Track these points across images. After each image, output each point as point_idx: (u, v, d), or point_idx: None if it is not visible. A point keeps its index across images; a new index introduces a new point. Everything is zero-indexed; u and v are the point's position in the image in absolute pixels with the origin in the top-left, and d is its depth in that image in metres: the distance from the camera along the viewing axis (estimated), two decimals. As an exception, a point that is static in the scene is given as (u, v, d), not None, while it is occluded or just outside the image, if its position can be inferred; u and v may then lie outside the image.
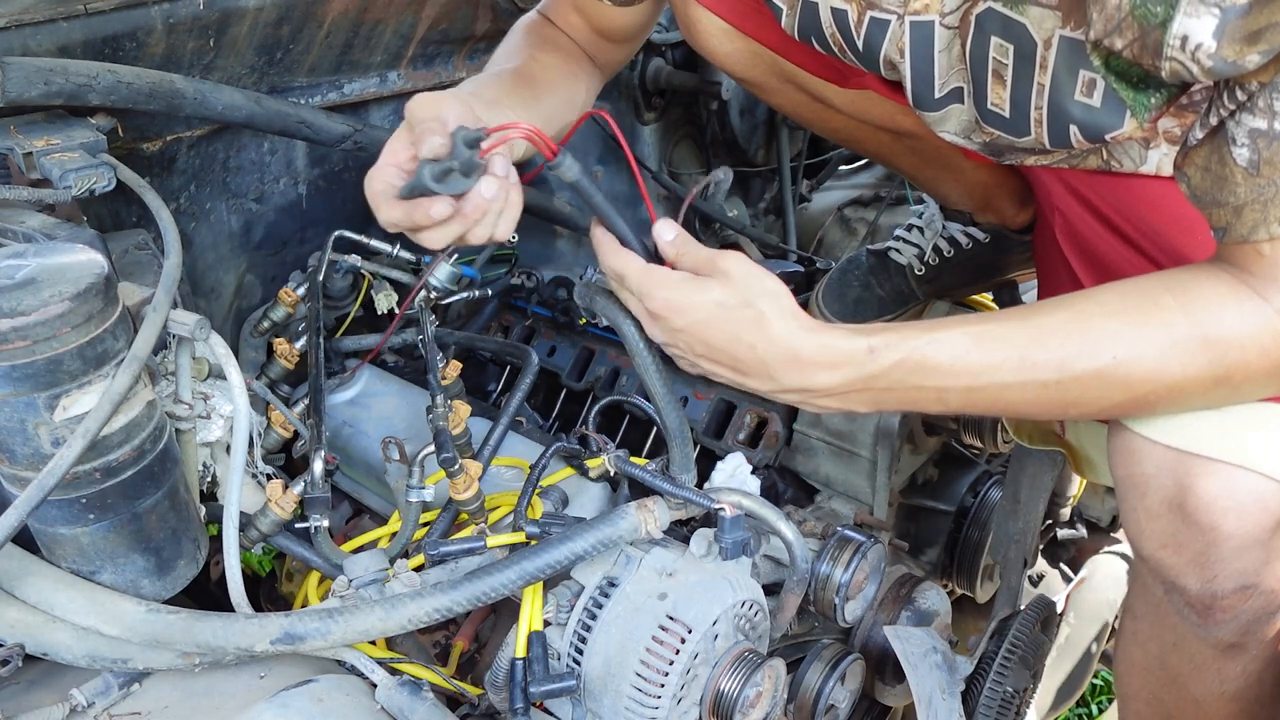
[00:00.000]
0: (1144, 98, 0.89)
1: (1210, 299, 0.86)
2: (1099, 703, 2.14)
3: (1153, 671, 1.13)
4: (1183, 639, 1.07)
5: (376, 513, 1.36)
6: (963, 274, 1.59)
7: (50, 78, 1.07)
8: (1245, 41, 0.74)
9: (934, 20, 1.00)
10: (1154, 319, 0.87)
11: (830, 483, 1.45)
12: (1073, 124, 0.95)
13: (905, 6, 1.01)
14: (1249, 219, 0.83)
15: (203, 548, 1.01)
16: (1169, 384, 0.88)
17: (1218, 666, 1.06)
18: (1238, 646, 1.02)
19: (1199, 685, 1.09)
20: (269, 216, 1.53)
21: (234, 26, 1.29)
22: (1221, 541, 0.93)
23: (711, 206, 2.27)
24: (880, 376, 0.90)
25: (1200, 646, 1.05)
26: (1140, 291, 0.89)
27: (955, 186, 1.50)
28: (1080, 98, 0.93)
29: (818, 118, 1.36)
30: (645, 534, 0.98)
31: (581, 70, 1.26)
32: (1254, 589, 0.96)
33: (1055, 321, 0.90)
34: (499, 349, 1.55)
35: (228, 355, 0.99)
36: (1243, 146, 0.80)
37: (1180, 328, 0.86)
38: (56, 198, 1.03)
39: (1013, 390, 0.90)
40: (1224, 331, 0.85)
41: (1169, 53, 0.78)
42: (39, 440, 0.83)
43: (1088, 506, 1.88)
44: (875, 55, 1.06)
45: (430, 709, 0.91)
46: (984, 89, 1.00)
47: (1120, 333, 0.87)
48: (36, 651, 0.88)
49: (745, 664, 0.99)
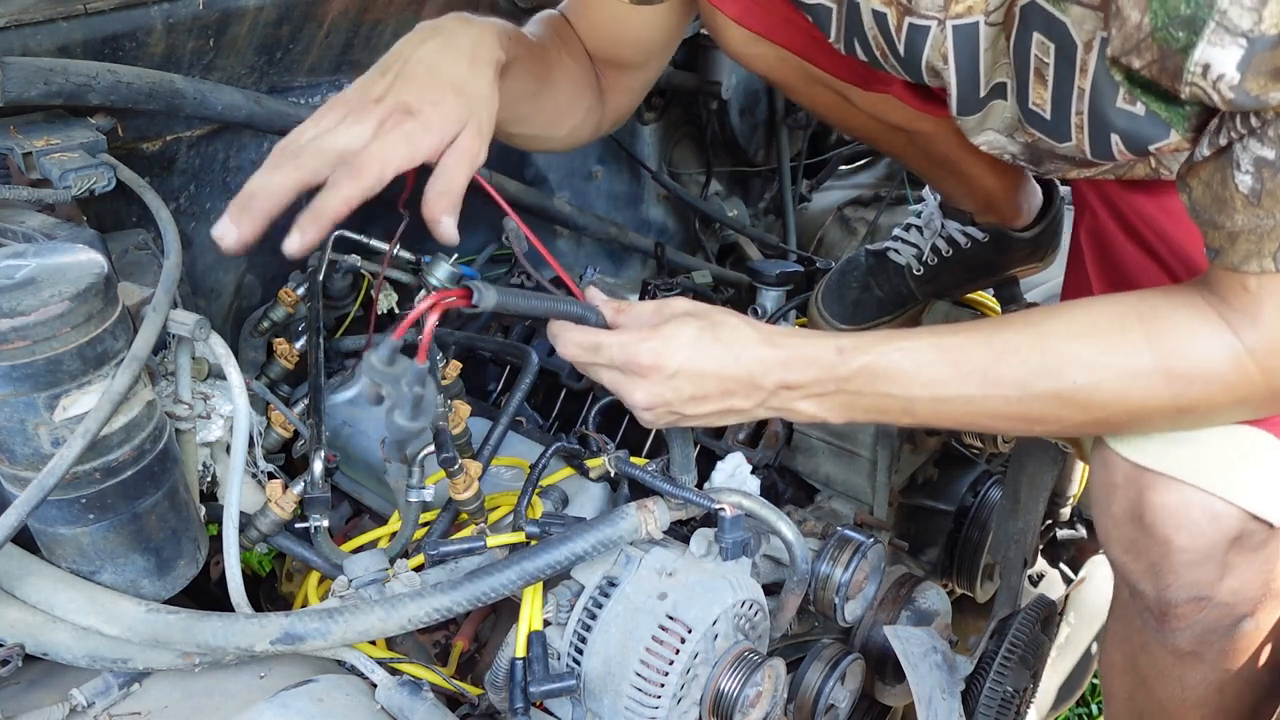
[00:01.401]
0: (1177, 110, 0.84)
1: (1180, 331, 0.86)
2: (1099, 702, 2.14)
3: (1127, 672, 1.15)
4: (1147, 644, 1.08)
5: (376, 513, 1.36)
6: (962, 274, 1.59)
7: (50, 77, 1.07)
8: (1271, 76, 0.71)
9: (978, 21, 0.95)
10: (1119, 347, 0.87)
11: (830, 483, 1.45)
12: (1114, 133, 0.90)
13: (945, 10, 0.95)
14: (1242, 248, 0.81)
15: (203, 548, 1.01)
16: (1130, 410, 0.89)
17: (1179, 673, 1.07)
18: (1195, 655, 1.03)
19: (1163, 690, 1.10)
20: (269, 216, 1.53)
21: (234, 26, 1.29)
22: (1174, 554, 0.94)
23: (711, 206, 2.27)
24: (849, 380, 0.92)
25: (1161, 652, 1.06)
26: (1110, 316, 0.89)
27: (960, 186, 1.50)
28: (1123, 105, 0.88)
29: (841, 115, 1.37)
30: (645, 534, 0.98)
31: (588, 89, 1.25)
32: (1207, 601, 0.97)
33: (1021, 339, 0.90)
34: (499, 349, 1.55)
35: (228, 355, 0.99)
36: (1246, 174, 0.78)
37: (1144, 358, 0.86)
38: (56, 198, 1.03)
39: (976, 404, 0.91)
40: (1189, 366, 0.85)
41: (1189, 78, 0.75)
42: (39, 440, 0.83)
43: (1088, 506, 1.88)
44: (917, 61, 1.02)
45: (430, 709, 0.91)
46: (1026, 87, 0.96)
47: (1082, 357, 0.88)
48: (36, 651, 0.88)
49: (745, 664, 0.99)
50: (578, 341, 0.92)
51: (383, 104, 0.90)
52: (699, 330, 0.91)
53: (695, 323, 0.91)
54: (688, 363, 0.90)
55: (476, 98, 0.94)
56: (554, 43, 1.20)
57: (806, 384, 0.92)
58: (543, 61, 1.15)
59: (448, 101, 0.91)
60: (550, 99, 1.19)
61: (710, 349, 0.91)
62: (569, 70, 1.20)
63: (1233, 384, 0.85)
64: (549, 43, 1.19)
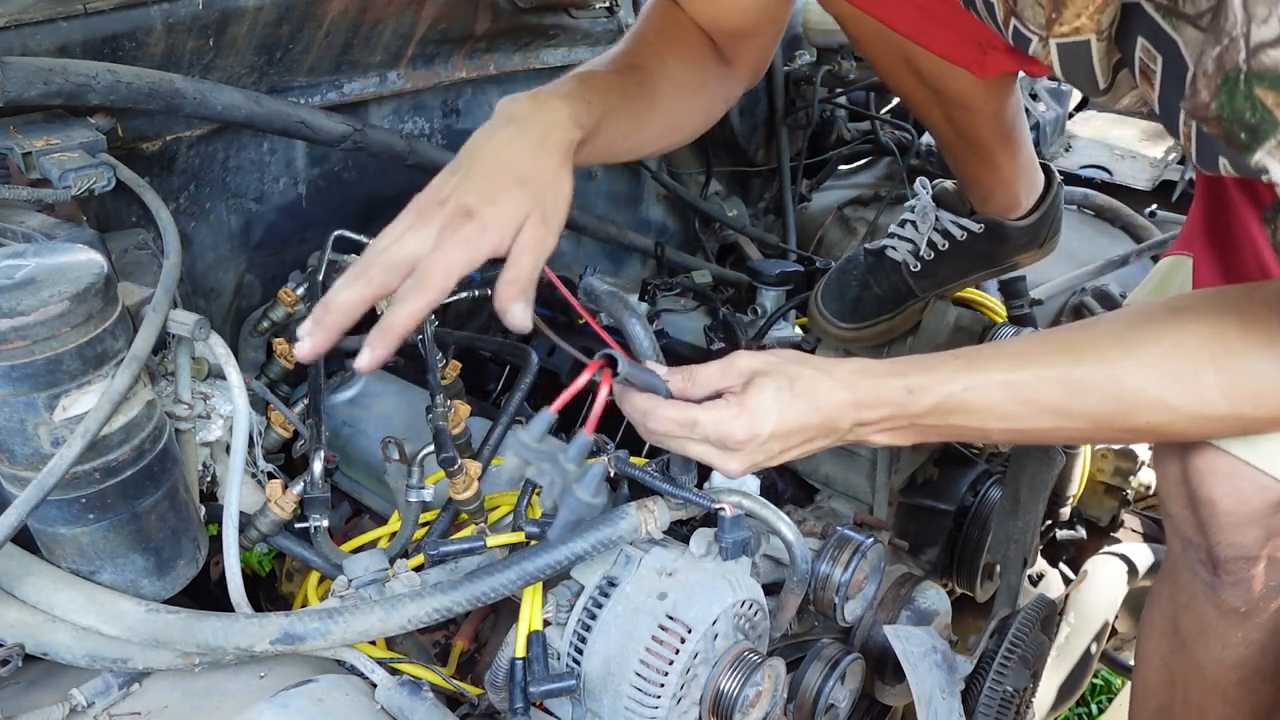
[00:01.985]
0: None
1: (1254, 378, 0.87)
2: (1099, 702, 2.14)
3: (1166, 635, 1.16)
4: (1194, 599, 1.09)
5: (376, 513, 1.36)
6: (959, 267, 1.59)
7: (50, 77, 1.07)
8: None
9: (1089, 40, 0.92)
10: (1193, 392, 0.89)
11: (830, 482, 1.45)
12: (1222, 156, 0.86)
13: (1047, 30, 0.91)
14: None
15: (203, 548, 1.01)
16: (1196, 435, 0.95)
17: (1221, 631, 1.08)
18: (1243, 614, 1.05)
19: (1203, 650, 1.11)
20: (269, 216, 1.53)
21: (233, 26, 1.29)
22: (1220, 516, 0.98)
23: (711, 206, 2.27)
24: (922, 416, 0.95)
25: (1208, 608, 1.08)
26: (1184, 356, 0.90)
27: (981, 168, 1.50)
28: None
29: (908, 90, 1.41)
30: (645, 534, 0.98)
31: (709, 77, 1.24)
32: (1257, 560, 1.00)
33: (1094, 379, 0.92)
34: (499, 349, 1.55)
35: (227, 355, 0.99)
36: None
37: (1218, 406, 0.88)
38: (56, 198, 1.03)
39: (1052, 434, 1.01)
40: (1261, 413, 0.88)
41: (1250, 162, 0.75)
42: (39, 440, 0.83)
43: (1088, 506, 1.88)
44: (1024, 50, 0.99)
45: (430, 709, 0.91)
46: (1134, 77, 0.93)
47: (1154, 400, 0.90)
48: (36, 651, 0.88)
49: (745, 664, 0.99)
50: (674, 418, 0.93)
51: (445, 207, 0.92)
52: (778, 390, 0.93)
53: (773, 383, 0.93)
54: (777, 426, 0.93)
55: (541, 186, 0.95)
56: (653, 51, 1.19)
57: (880, 421, 0.96)
58: (642, 90, 1.15)
59: (508, 197, 0.93)
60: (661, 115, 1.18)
61: (792, 406, 0.93)
62: (675, 77, 1.19)
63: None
64: (647, 55, 1.18)
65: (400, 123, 1.63)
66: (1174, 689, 1.17)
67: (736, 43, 1.26)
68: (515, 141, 0.97)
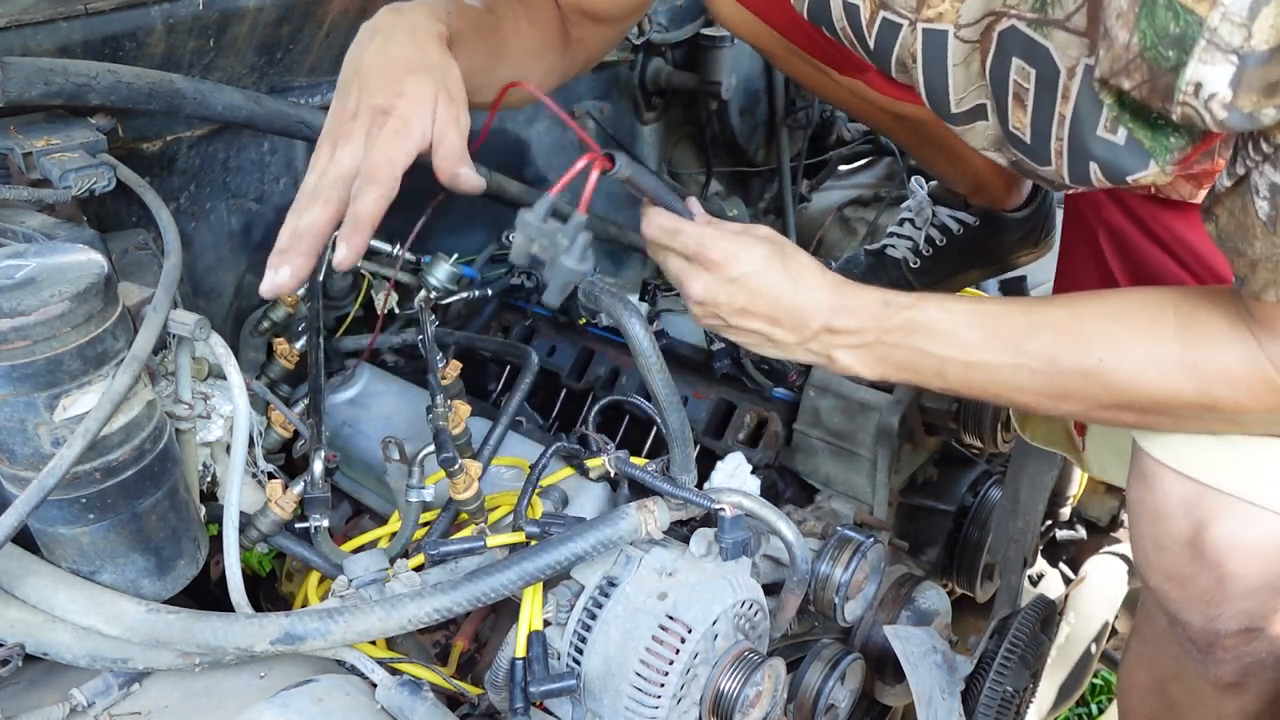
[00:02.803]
0: (1163, 139, 0.84)
1: (1210, 330, 0.86)
2: (1099, 702, 2.14)
3: (1153, 694, 1.13)
4: (1184, 670, 1.06)
5: (376, 513, 1.36)
6: (958, 262, 1.59)
7: (50, 78, 1.07)
8: (1263, 93, 0.70)
9: (948, 30, 0.96)
10: (1149, 333, 0.88)
11: (830, 482, 1.45)
12: (1093, 161, 0.90)
13: (918, 12, 0.96)
14: (1261, 277, 0.81)
15: (203, 548, 1.01)
16: (1153, 396, 0.89)
17: (1216, 703, 1.05)
18: (1237, 686, 1.02)
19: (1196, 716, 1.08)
20: (269, 216, 1.53)
21: (234, 26, 1.29)
22: (1229, 580, 0.93)
23: (711, 206, 2.27)
24: (889, 331, 0.96)
25: (1200, 682, 1.04)
26: (1147, 305, 0.90)
27: (951, 168, 1.50)
28: (1103, 134, 0.87)
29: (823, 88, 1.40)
30: (645, 534, 0.98)
31: (551, 51, 1.25)
32: (1259, 633, 0.95)
33: (1055, 315, 0.92)
34: (499, 349, 1.55)
35: (228, 355, 0.99)
36: (1264, 200, 0.78)
37: (1171, 347, 0.87)
38: (56, 198, 1.03)
39: (1006, 373, 0.93)
40: (1213, 364, 0.86)
41: (1180, 98, 0.74)
42: (39, 440, 0.83)
43: (1088, 506, 1.88)
44: (887, 57, 1.03)
45: (430, 709, 0.91)
46: (1005, 110, 0.96)
47: (1110, 335, 0.89)
48: (36, 651, 0.88)
49: (745, 664, 0.99)
50: (661, 224, 0.98)
51: (359, 118, 0.94)
52: (771, 252, 0.97)
53: (771, 246, 0.97)
54: (751, 275, 0.95)
55: (434, 69, 0.96)
56: (509, 7, 1.20)
57: (849, 331, 0.97)
58: (495, 33, 1.15)
59: (411, 84, 0.94)
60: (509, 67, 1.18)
61: (775, 272, 0.96)
62: (525, 36, 1.21)
63: (1256, 390, 0.85)
64: (503, 9, 1.18)
65: (400, 123, 1.63)
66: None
67: (588, 26, 1.27)
68: (392, 44, 0.99)
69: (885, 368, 0.98)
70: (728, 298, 0.97)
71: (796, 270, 0.97)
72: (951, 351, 0.94)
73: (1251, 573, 0.91)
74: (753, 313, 0.97)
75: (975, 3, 0.92)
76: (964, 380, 0.95)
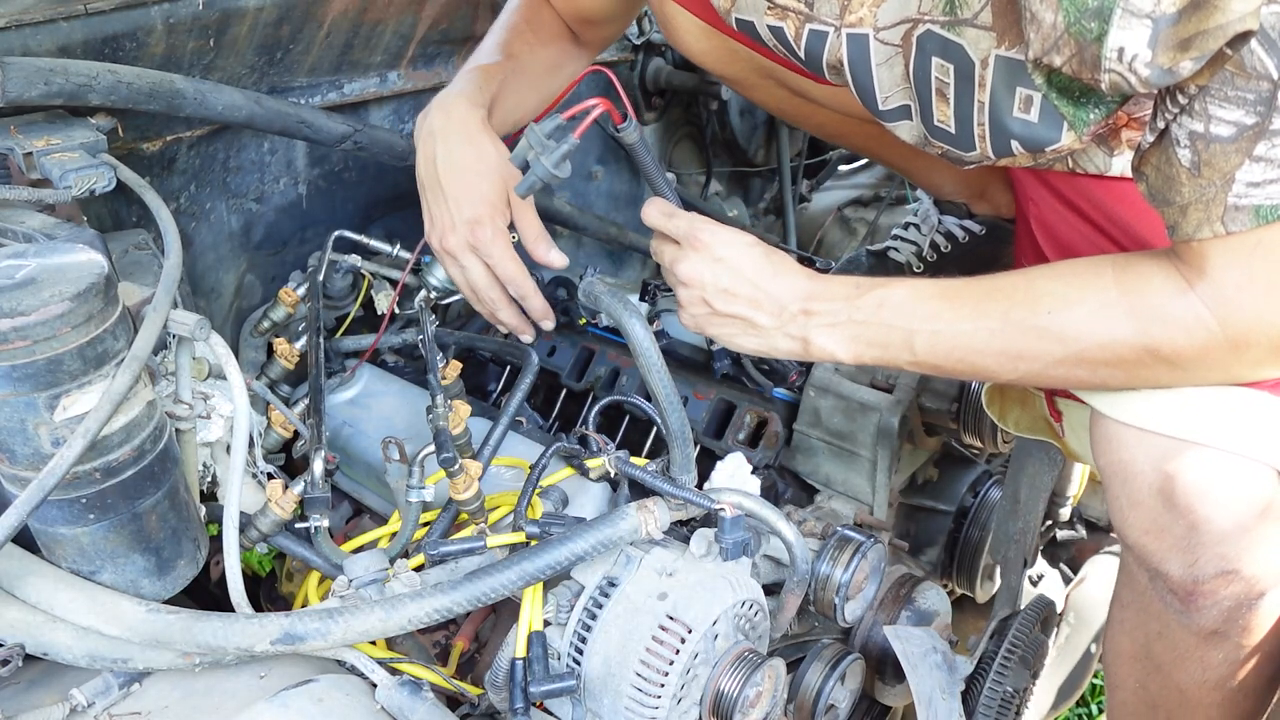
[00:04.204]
0: (1083, 113, 0.93)
1: (1145, 276, 0.93)
2: (1099, 702, 2.14)
3: (1138, 660, 1.14)
4: (1167, 628, 1.08)
5: (376, 513, 1.36)
6: (962, 269, 1.59)
7: (50, 78, 1.07)
8: (1178, 49, 0.78)
9: (868, 34, 1.04)
10: (1090, 285, 0.96)
11: (830, 483, 1.45)
12: (1013, 138, 0.99)
13: (841, 19, 1.05)
14: (1193, 218, 0.87)
15: (203, 548, 1.01)
16: (1099, 342, 0.95)
17: (1201, 655, 1.07)
18: (1220, 634, 1.04)
19: (1183, 674, 1.10)
20: (269, 216, 1.53)
21: (234, 26, 1.29)
22: (1202, 526, 0.97)
23: (712, 207, 2.27)
24: (859, 309, 1.04)
25: (1184, 635, 1.07)
26: (1089, 264, 0.99)
27: (948, 177, 1.50)
28: (1019, 114, 0.97)
29: (800, 112, 1.44)
30: (645, 534, 0.98)
31: (567, 57, 1.43)
32: (1234, 575, 0.98)
33: (1009, 281, 1.01)
34: (499, 349, 1.55)
35: (228, 355, 0.99)
36: (1184, 148, 0.85)
37: (1110, 293, 0.94)
38: (56, 198, 1.03)
39: (966, 337, 1.00)
40: (1150, 306, 0.92)
41: (1107, 65, 0.82)
42: (39, 440, 0.83)
43: (1088, 506, 1.88)
44: (818, 63, 1.11)
45: (430, 709, 0.91)
46: (929, 107, 1.04)
47: (1057, 292, 0.97)
48: (36, 651, 0.88)
49: (745, 664, 0.99)
50: (659, 206, 1.10)
51: (458, 232, 1.22)
52: (755, 242, 1.07)
53: (755, 239, 1.07)
54: (734, 257, 1.05)
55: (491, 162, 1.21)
56: (524, 40, 1.37)
57: (823, 313, 1.04)
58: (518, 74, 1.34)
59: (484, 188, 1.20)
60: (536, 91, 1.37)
61: (757, 259, 1.05)
62: (542, 59, 1.39)
63: (1191, 329, 0.90)
64: (518, 44, 1.37)
65: (400, 123, 1.63)
66: (1155, 711, 1.16)
67: (590, 29, 1.44)
68: (453, 150, 1.21)
69: (858, 346, 1.04)
70: (713, 276, 1.05)
71: (778, 259, 1.06)
72: (917, 322, 1.01)
73: (1223, 515, 0.96)
74: (735, 294, 1.05)
75: (891, 9, 1.01)
76: (930, 349, 1.02)
